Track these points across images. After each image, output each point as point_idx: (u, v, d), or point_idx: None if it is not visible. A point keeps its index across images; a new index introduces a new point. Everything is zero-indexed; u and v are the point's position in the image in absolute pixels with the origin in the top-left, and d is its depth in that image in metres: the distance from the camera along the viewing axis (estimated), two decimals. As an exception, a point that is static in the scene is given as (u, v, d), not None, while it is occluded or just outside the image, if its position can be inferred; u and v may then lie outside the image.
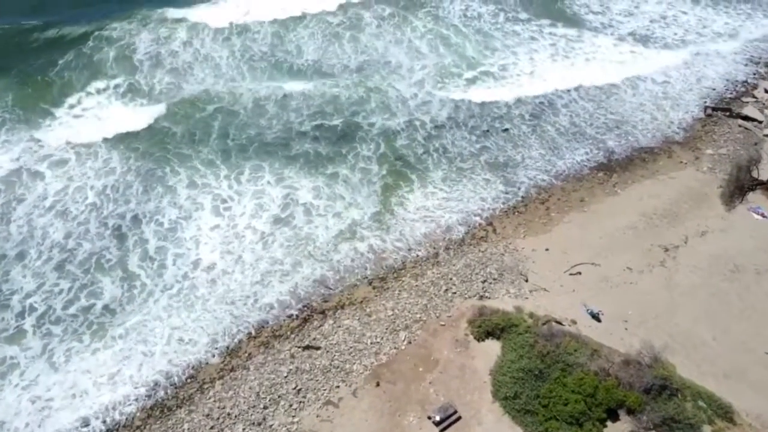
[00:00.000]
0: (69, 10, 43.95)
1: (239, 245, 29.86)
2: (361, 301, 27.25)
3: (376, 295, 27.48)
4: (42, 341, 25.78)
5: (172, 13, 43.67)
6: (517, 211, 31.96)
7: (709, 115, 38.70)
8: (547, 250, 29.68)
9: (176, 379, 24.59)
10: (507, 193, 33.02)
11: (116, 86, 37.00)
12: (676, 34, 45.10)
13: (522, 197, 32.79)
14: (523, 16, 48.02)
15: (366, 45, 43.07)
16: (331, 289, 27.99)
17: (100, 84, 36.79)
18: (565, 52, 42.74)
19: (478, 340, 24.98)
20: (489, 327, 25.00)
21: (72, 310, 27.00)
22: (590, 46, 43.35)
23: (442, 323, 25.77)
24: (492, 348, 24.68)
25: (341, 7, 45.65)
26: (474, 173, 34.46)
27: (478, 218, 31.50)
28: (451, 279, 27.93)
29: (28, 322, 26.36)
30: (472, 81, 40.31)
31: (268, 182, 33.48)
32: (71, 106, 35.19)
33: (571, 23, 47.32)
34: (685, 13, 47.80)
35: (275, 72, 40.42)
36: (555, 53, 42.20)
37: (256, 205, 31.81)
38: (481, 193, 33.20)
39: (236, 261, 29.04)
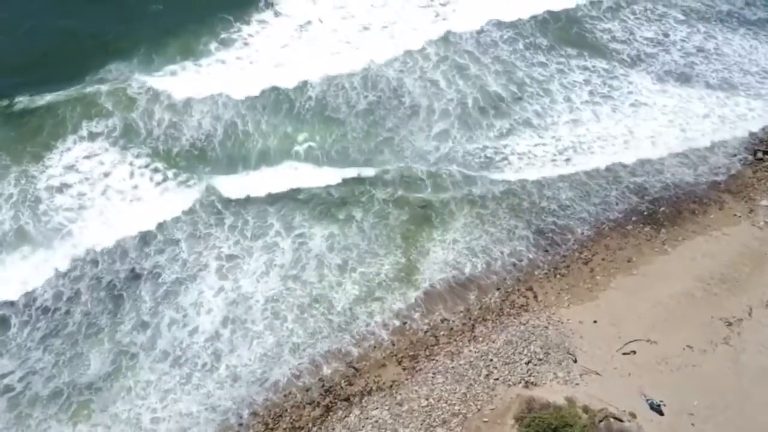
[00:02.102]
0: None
1: (246, 312, 26.45)
2: (391, 386, 23.79)
3: (407, 378, 24.04)
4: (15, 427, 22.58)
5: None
6: (559, 273, 28.55)
7: (760, 159, 35.44)
8: (595, 322, 26.39)
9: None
10: (546, 250, 29.66)
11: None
12: (716, 70, 41.34)
13: (563, 256, 29.42)
14: (543, 42, 43.88)
15: (376, 75, 38.78)
16: (354, 368, 24.59)
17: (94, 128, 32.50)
18: (605, 93, 38.36)
19: (528, 442, 21.65)
20: (540, 427, 21.48)
21: (51, 387, 23.72)
22: (627, 84, 39.21)
23: (485, 419, 22.34)
24: (545, 452, 21.37)
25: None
26: (499, 218, 31.04)
27: (515, 282, 28.17)
28: (491, 360, 24.51)
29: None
30: (505, 134, 35.63)
31: (278, 232, 30.06)
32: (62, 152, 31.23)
33: (598, 53, 43.49)
34: (729, 42, 43.64)
35: (272, 117, 35.66)
36: (593, 92, 38.18)
37: (266, 263, 28.33)
38: (515, 245, 29.79)
39: (245, 334, 25.60)
